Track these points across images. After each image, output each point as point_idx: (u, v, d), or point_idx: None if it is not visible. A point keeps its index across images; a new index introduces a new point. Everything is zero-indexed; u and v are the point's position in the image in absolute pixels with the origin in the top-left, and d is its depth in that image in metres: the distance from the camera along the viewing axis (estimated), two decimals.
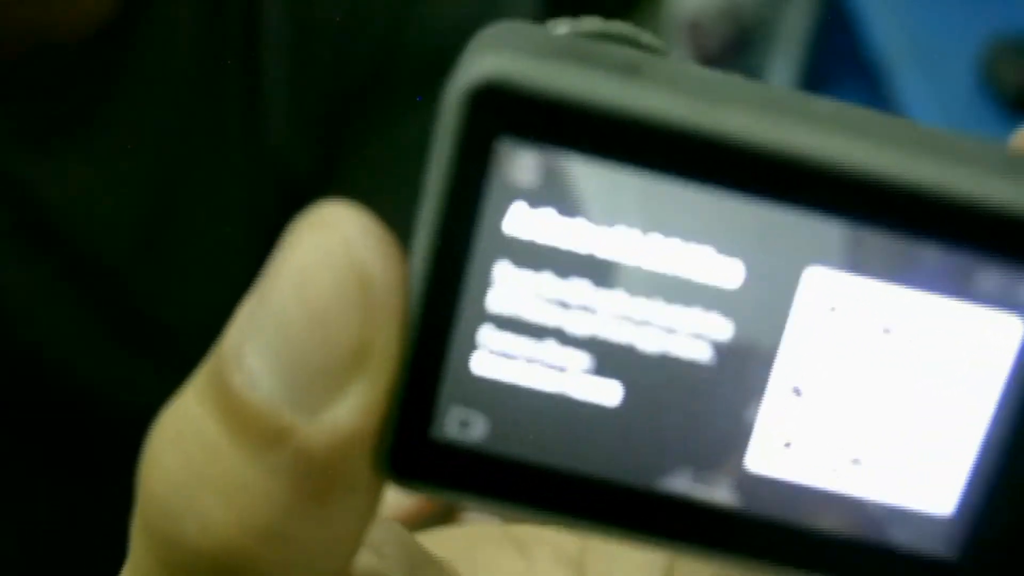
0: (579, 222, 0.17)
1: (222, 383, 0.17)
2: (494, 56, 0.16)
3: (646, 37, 0.19)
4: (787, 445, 0.18)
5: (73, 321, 0.46)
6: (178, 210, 0.47)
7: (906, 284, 0.17)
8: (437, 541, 0.24)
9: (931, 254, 0.17)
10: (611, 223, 0.17)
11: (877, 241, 0.17)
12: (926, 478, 0.18)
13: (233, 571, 0.17)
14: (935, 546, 0.18)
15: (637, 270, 0.17)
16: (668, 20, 1.17)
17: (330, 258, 0.17)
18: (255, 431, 0.17)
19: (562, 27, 0.19)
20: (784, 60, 1.22)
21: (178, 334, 0.48)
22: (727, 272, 0.17)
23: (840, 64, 1.20)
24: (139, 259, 0.47)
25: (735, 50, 1.22)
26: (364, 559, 0.21)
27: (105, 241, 0.46)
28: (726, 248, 0.17)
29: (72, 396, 0.47)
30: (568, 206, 0.17)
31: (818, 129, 0.17)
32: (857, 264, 0.17)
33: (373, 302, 0.17)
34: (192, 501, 0.17)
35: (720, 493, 0.18)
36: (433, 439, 0.18)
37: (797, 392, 0.18)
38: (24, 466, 0.48)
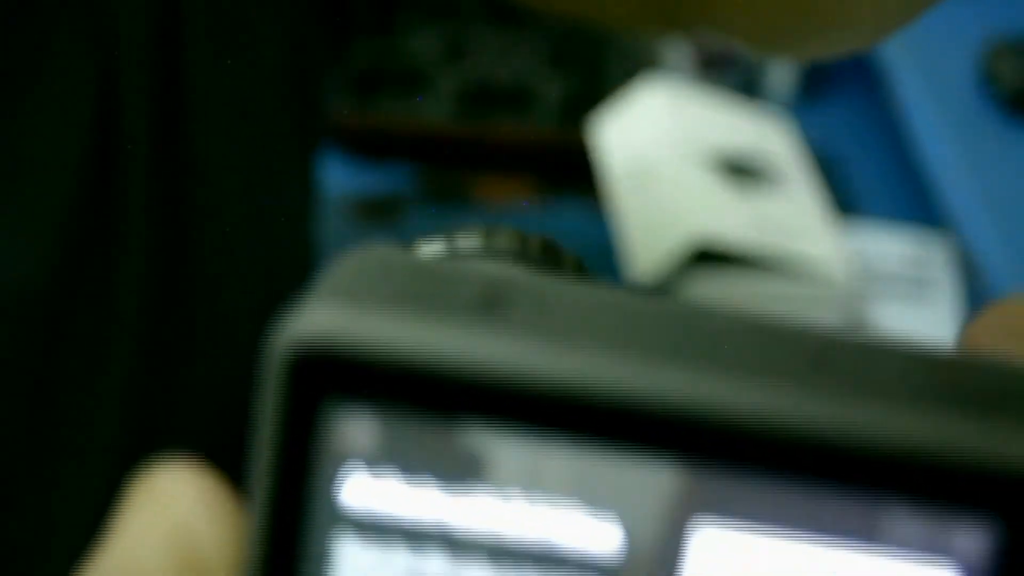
0: (429, 489, 0.15)
1: None
2: (318, 309, 0.14)
3: (535, 246, 0.17)
4: None
5: None
6: None
7: (816, 538, 0.14)
8: None
9: (840, 503, 0.14)
10: (464, 488, 0.15)
11: (775, 491, 0.14)
12: None
13: None
14: None
15: (500, 539, 0.15)
16: None
17: (160, 542, 0.15)
18: None
19: (436, 245, 0.17)
20: (783, 62, 1.22)
21: None
22: (602, 537, 0.15)
23: (839, 65, 1.20)
24: None
25: (735, 53, 1.22)
26: None
27: None
28: (598, 509, 0.15)
29: None
30: (414, 472, 0.15)
31: (690, 371, 0.14)
32: (755, 519, 0.14)
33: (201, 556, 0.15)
34: None
35: None
36: None
37: None
38: None
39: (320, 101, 0.54)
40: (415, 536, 0.15)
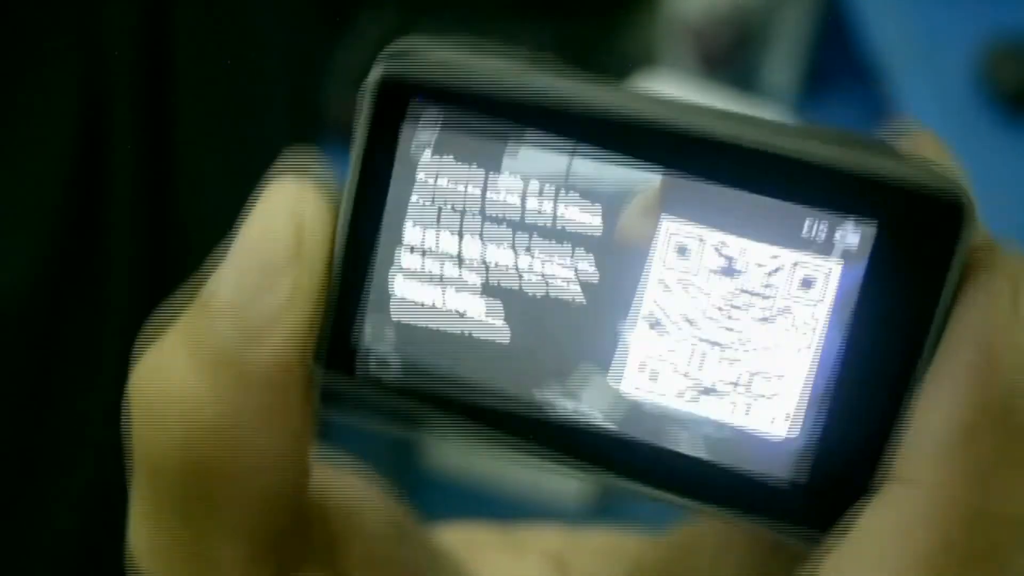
0: (474, 170, 0.21)
1: (192, 315, 0.21)
2: (391, 53, 0.21)
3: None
4: (649, 372, 0.21)
5: None
6: None
7: (745, 235, 0.20)
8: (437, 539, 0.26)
9: (770, 212, 0.20)
10: (496, 173, 0.21)
11: (727, 200, 0.20)
12: (766, 403, 0.20)
13: (200, 474, 0.20)
14: (776, 469, 0.20)
15: (521, 213, 0.21)
16: (664, 26, 1.17)
17: (281, 198, 0.21)
18: (211, 347, 0.20)
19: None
20: (784, 61, 1.22)
21: None
22: (591, 220, 0.20)
23: (839, 65, 1.20)
24: None
25: (736, 52, 1.22)
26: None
27: None
28: (588, 198, 0.20)
29: None
30: (463, 158, 0.21)
31: (691, 110, 0.20)
32: (705, 217, 0.20)
33: (305, 216, 0.21)
34: (164, 418, 0.20)
35: (595, 414, 0.21)
36: (356, 344, 0.22)
37: (655, 326, 0.21)
38: None
39: (318, 99, 0.54)
40: (460, 204, 0.21)
